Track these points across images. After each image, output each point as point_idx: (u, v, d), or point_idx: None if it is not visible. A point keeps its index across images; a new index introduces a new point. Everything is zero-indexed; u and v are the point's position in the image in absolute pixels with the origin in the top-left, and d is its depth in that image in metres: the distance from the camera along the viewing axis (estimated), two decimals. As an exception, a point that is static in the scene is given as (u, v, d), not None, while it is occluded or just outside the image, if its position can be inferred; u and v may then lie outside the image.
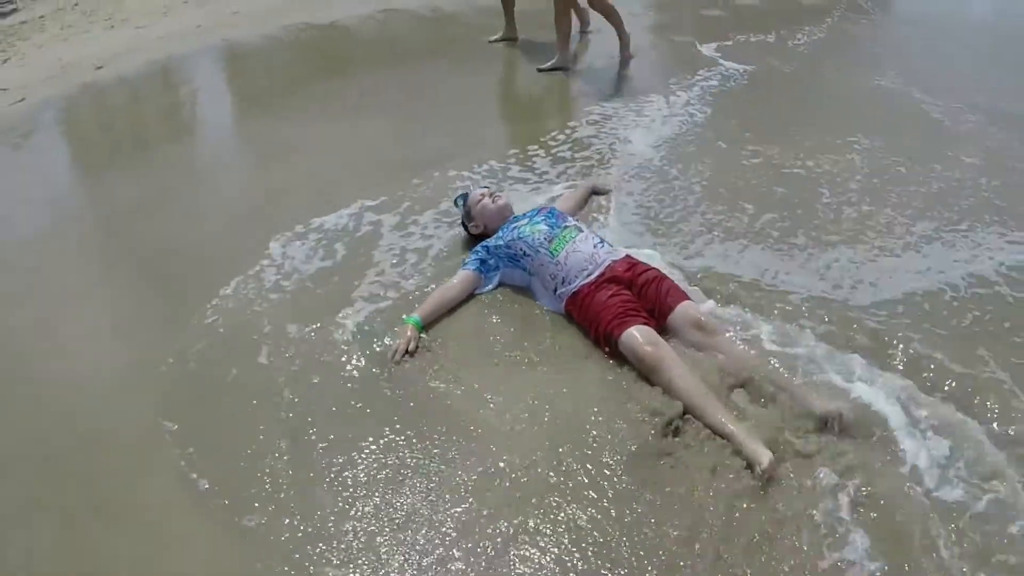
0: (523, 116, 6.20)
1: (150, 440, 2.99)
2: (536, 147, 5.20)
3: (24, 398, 3.38)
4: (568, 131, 5.48)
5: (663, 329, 3.09)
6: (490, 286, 3.61)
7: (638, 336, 2.93)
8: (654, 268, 3.37)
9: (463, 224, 4.01)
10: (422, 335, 3.34)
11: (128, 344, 3.64)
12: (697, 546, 2.34)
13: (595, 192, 4.45)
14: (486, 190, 3.92)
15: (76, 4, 11.48)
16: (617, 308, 3.08)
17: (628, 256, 3.44)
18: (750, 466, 2.51)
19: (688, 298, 3.21)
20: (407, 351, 3.24)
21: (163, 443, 2.97)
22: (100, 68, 8.15)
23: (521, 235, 3.53)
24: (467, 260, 3.66)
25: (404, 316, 3.42)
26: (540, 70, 6.77)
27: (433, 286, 3.64)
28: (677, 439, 2.69)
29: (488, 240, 3.71)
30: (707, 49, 7.10)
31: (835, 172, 4.65)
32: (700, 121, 5.56)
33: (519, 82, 6.90)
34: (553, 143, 5.25)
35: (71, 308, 3.98)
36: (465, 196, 3.99)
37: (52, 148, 6.68)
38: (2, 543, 2.65)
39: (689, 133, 5.35)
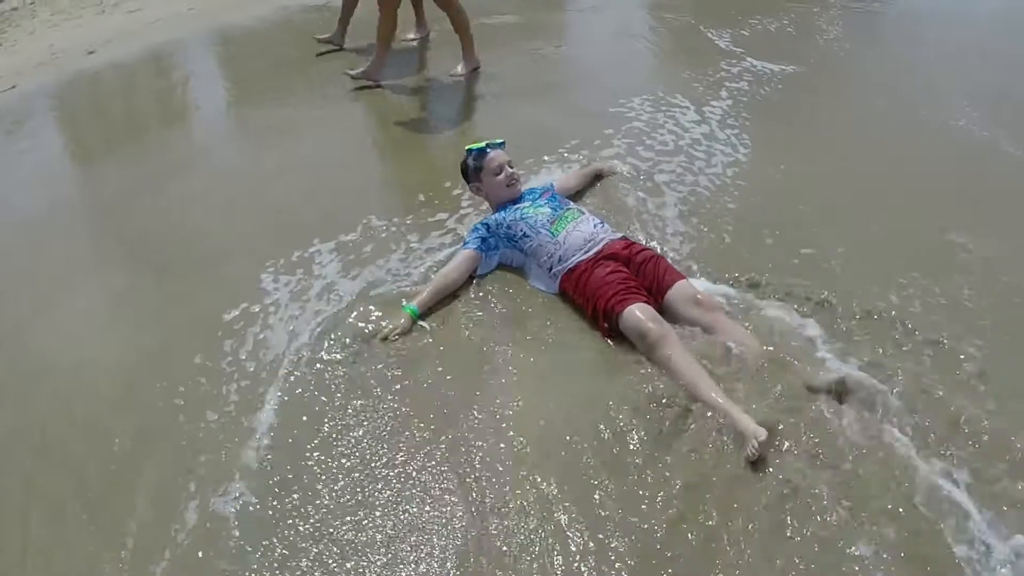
0: (535, 108, 5.66)
1: (147, 432, 2.98)
2: (551, 159, 4.67)
3: (19, 385, 3.36)
4: (592, 141, 4.88)
5: (660, 309, 3.06)
6: (490, 267, 3.58)
7: (640, 313, 2.91)
8: (650, 248, 3.34)
9: (463, 172, 3.87)
10: (420, 323, 3.31)
11: (124, 333, 3.62)
12: (693, 523, 2.33)
13: (600, 176, 4.29)
14: (506, 160, 3.74)
15: (67, -11, 11.39)
16: (618, 284, 3.05)
17: (625, 236, 3.41)
18: (744, 443, 2.48)
19: (685, 277, 3.19)
20: (395, 335, 3.24)
21: (157, 433, 2.96)
22: (92, 53, 8.11)
23: (524, 215, 3.50)
24: (467, 239, 3.61)
25: (403, 303, 3.37)
26: (349, 74, 6.21)
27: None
28: (678, 419, 2.66)
29: (488, 218, 3.67)
30: (722, 41, 6.52)
31: (933, 319, 3.04)
32: (745, 165, 4.45)
33: (528, 65, 6.56)
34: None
35: (67, 295, 3.96)
36: (483, 151, 3.77)
37: (45, 135, 6.64)
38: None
39: (727, 193, 4.15)
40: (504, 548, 2.33)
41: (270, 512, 2.54)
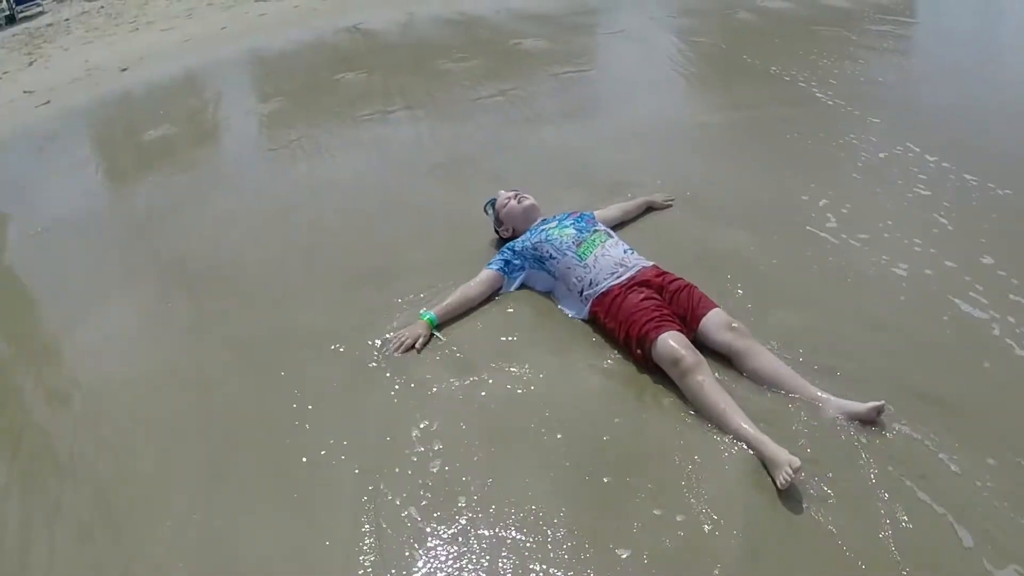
0: (567, 133, 5.64)
1: (175, 454, 2.97)
2: (577, 184, 4.79)
3: (48, 403, 3.38)
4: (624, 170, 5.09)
5: (693, 338, 3.01)
6: (513, 287, 3.58)
7: (673, 342, 2.87)
8: (683, 278, 3.30)
9: (494, 227, 3.97)
10: (435, 333, 3.34)
11: (154, 353, 3.62)
12: (723, 552, 2.26)
13: (652, 207, 4.19)
14: (513, 192, 3.88)
15: (102, 7, 11.57)
16: (652, 311, 3.01)
17: (656, 265, 3.37)
18: (776, 471, 2.43)
19: (719, 306, 3.14)
20: (413, 346, 3.27)
21: (184, 452, 2.95)
22: (125, 71, 8.20)
23: (548, 237, 3.49)
24: (492, 260, 3.63)
25: (421, 311, 3.39)
26: None
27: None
28: (709, 447, 2.61)
29: (515, 241, 3.68)
30: (822, 93, 5.47)
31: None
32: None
33: (559, 89, 6.48)
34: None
35: (97, 314, 3.97)
36: (494, 201, 3.96)
37: (78, 151, 6.71)
38: (24, 550, 2.63)
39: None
40: (522, 554, 2.29)
41: (295, 534, 2.52)
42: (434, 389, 3.04)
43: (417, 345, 3.27)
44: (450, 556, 2.36)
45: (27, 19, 13.66)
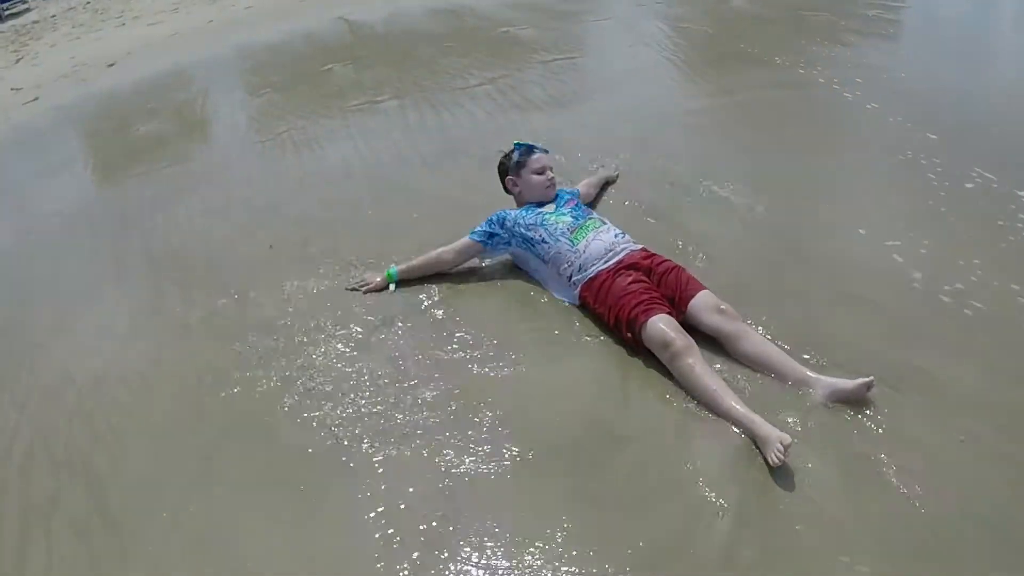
0: (553, 120, 5.76)
1: (168, 448, 2.97)
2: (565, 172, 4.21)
3: (42, 398, 3.38)
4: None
5: (682, 320, 3.02)
6: (495, 257, 3.70)
7: (663, 324, 2.88)
8: (672, 260, 3.30)
9: (502, 164, 3.82)
10: (392, 287, 3.64)
11: (146, 346, 3.62)
12: (710, 530, 2.28)
13: (608, 182, 4.37)
14: (549, 164, 3.72)
15: (88, 3, 11.52)
16: (641, 294, 3.02)
17: (645, 248, 3.37)
18: (764, 451, 2.45)
19: (706, 288, 3.15)
20: (364, 289, 3.66)
21: (179, 446, 2.96)
22: (112, 66, 8.16)
23: (544, 221, 3.48)
24: (476, 228, 3.60)
25: (392, 265, 3.65)
26: None
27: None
28: (698, 428, 2.63)
29: (507, 213, 3.61)
30: (833, 84, 5.21)
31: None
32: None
33: (551, 77, 6.45)
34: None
35: (88, 308, 3.97)
36: (531, 149, 3.73)
37: (66, 148, 6.69)
38: (23, 546, 2.64)
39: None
40: (515, 541, 2.30)
41: (294, 527, 2.53)
42: (432, 375, 3.05)
43: (362, 290, 3.65)
44: (447, 544, 2.37)
45: (13, 16, 13.60)
